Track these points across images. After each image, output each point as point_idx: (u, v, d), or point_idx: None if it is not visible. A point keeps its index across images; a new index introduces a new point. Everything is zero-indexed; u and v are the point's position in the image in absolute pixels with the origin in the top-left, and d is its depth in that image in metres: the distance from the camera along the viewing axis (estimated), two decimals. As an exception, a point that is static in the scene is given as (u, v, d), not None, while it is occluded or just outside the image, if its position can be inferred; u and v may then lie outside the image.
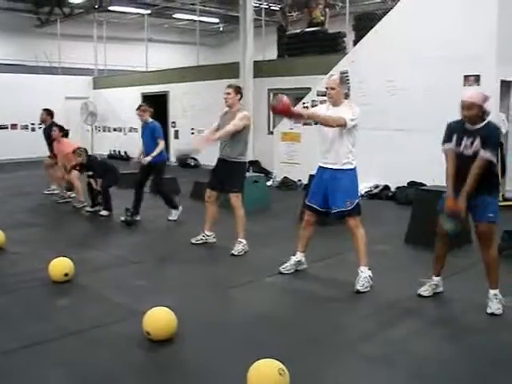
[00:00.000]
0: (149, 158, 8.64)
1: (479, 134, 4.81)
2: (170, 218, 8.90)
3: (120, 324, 4.79)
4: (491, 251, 4.99)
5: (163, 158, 8.95)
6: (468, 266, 6.21)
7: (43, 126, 11.52)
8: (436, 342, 4.49)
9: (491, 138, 4.83)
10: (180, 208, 9.01)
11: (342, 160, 5.63)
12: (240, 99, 7.10)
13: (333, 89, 5.64)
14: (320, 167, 5.84)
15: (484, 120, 4.87)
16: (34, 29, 21.99)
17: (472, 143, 4.84)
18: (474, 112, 4.80)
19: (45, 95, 16.98)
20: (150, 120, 8.95)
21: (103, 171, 9.54)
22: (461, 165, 4.92)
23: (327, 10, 14.93)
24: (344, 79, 5.85)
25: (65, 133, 10.62)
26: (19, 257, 6.96)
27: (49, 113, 11.37)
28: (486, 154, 4.75)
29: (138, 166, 8.96)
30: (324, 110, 5.80)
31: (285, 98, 5.36)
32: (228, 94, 6.99)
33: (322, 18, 14.66)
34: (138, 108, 9.01)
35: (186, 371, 4.04)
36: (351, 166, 5.67)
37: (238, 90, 7.08)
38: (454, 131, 5.00)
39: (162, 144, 8.77)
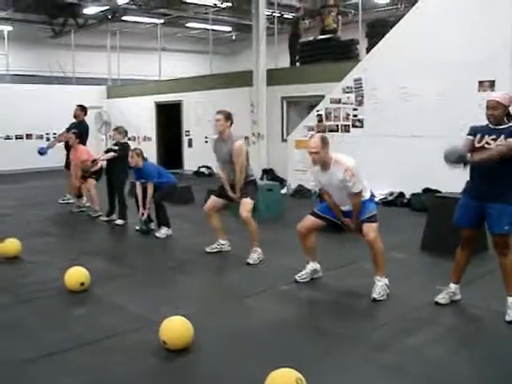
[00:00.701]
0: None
1: (503, 133, 4.79)
2: (157, 235, 8.51)
3: (136, 333, 4.79)
4: (508, 258, 4.94)
5: (173, 182, 8.90)
6: (485, 274, 6.15)
7: (73, 122, 11.40)
8: (453, 350, 4.45)
9: None
10: (171, 230, 8.62)
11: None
12: (230, 125, 7.12)
13: (316, 153, 5.50)
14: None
15: (509, 121, 4.85)
16: (48, 40, 22.20)
17: (495, 140, 4.81)
18: (499, 111, 4.80)
19: (59, 105, 17.09)
20: (141, 163, 8.59)
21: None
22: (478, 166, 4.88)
23: (339, 17, 14.94)
24: (326, 140, 5.58)
25: (80, 141, 10.58)
26: (35, 266, 6.99)
27: (82, 109, 11.43)
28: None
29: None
30: (321, 175, 5.73)
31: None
32: (218, 120, 7.07)
33: (335, 26, 14.66)
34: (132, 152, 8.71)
35: (202, 380, 4.02)
36: (366, 198, 5.66)
37: (229, 117, 7.11)
38: (478, 131, 4.98)
39: (151, 187, 8.48)
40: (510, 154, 4.69)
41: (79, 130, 10.80)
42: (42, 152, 11.33)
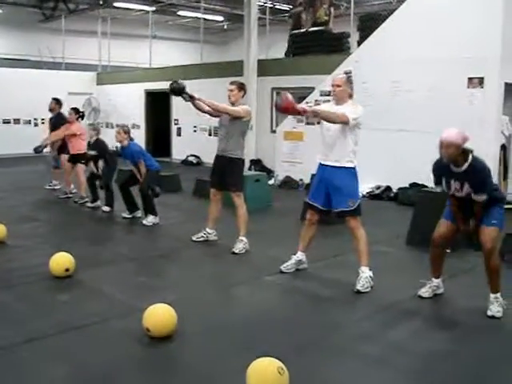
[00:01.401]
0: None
1: (466, 179, 4.82)
2: (143, 222, 8.47)
3: (120, 320, 4.79)
4: (493, 257, 4.96)
5: (156, 167, 8.75)
6: (469, 268, 6.20)
7: (50, 115, 11.54)
8: (435, 343, 4.48)
9: (481, 183, 4.83)
10: (158, 219, 8.57)
11: (344, 158, 5.63)
12: (243, 96, 7.10)
13: (338, 86, 5.66)
14: (321, 165, 5.82)
15: (467, 159, 4.80)
16: (38, 24, 21.92)
17: (461, 187, 4.88)
18: (452, 151, 4.73)
19: (48, 90, 16.91)
20: (125, 143, 8.58)
21: (106, 154, 9.53)
22: (461, 205, 5.00)
23: (332, 9, 14.89)
24: (350, 79, 5.79)
25: (80, 115, 10.61)
26: (20, 251, 6.96)
27: (57, 102, 11.49)
28: (481, 197, 4.83)
29: None
30: (327, 108, 5.80)
31: (289, 96, 5.34)
32: (231, 90, 7.00)
33: (326, 18, 14.62)
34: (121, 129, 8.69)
35: (185, 368, 4.04)
36: (352, 165, 5.67)
37: (242, 87, 7.08)
38: (442, 174, 5.01)
39: (142, 165, 8.49)
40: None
41: (55, 122, 10.85)
42: (38, 151, 11.28)
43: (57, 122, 11.07)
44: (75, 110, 10.51)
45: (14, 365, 3.98)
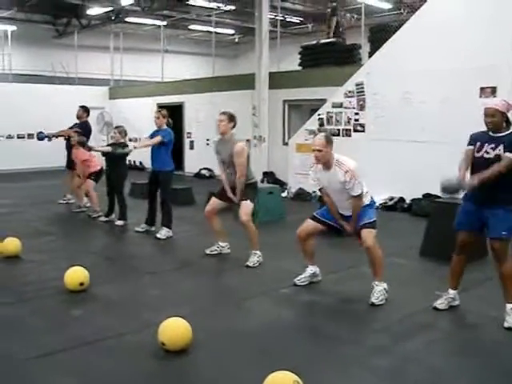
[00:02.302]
0: (131, 147, 8.97)
1: (503, 141, 4.82)
2: (158, 236, 8.49)
3: (135, 334, 4.79)
4: (506, 265, 4.95)
5: (169, 168, 8.62)
6: (484, 279, 6.16)
7: (76, 122, 11.50)
8: (451, 355, 4.45)
9: None
10: (171, 232, 8.60)
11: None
12: (233, 127, 7.11)
13: (319, 151, 5.57)
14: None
15: (508, 128, 4.87)
16: (51, 40, 22.24)
17: (494, 149, 4.84)
18: (497, 119, 4.83)
19: (61, 105, 17.14)
20: (165, 127, 8.61)
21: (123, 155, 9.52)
22: (480, 168, 4.89)
23: (334, 19, 14.83)
24: (330, 138, 5.68)
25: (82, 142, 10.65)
26: (35, 265, 7.00)
27: (85, 110, 11.53)
28: (510, 154, 4.73)
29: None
30: (322, 174, 5.77)
31: None
32: (221, 121, 7.04)
33: (330, 30, 14.62)
34: (158, 112, 8.71)
35: (200, 382, 4.03)
36: (366, 203, 5.69)
37: (232, 118, 7.09)
38: (477, 139, 5.01)
39: (155, 140, 8.42)
40: (508, 170, 4.72)
41: (83, 130, 10.88)
42: (40, 137, 11.40)
43: (85, 131, 11.05)
44: (77, 134, 10.50)
45: (27, 379, 3.99)
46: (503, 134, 4.86)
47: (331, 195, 5.77)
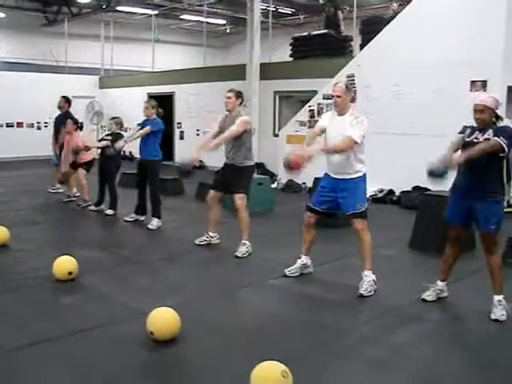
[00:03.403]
0: (121, 143, 8.81)
1: (491, 129, 4.82)
2: (149, 227, 8.46)
3: (123, 323, 4.79)
4: (495, 256, 5.00)
5: (157, 157, 8.58)
6: (472, 272, 6.19)
7: (57, 114, 11.48)
8: (439, 346, 4.47)
9: (505, 131, 4.79)
10: (161, 222, 8.59)
11: (353, 169, 5.64)
12: (240, 104, 7.10)
13: (339, 97, 5.63)
14: (328, 175, 5.83)
15: (498, 124, 4.88)
16: (41, 28, 22.07)
17: (483, 135, 4.85)
18: (486, 115, 4.83)
19: (51, 94, 16.95)
20: (154, 117, 8.59)
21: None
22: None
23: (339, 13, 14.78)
24: (350, 86, 5.80)
25: (78, 126, 10.65)
26: (23, 254, 6.97)
27: (67, 100, 11.45)
28: (498, 138, 4.72)
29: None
30: (328, 120, 5.81)
31: (293, 157, 5.41)
32: (228, 98, 7.01)
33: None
34: (147, 102, 8.75)
35: (188, 371, 4.04)
36: (361, 174, 5.68)
37: (239, 95, 7.08)
38: (469, 128, 5.01)
39: (145, 130, 8.40)
40: (491, 151, 4.73)
41: (60, 121, 10.88)
42: (57, 164, 11.36)
43: (61, 120, 11.01)
44: (73, 120, 10.52)
45: (17, 368, 3.98)
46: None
47: (327, 139, 5.74)
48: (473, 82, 9.82)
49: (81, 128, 10.79)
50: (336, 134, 5.61)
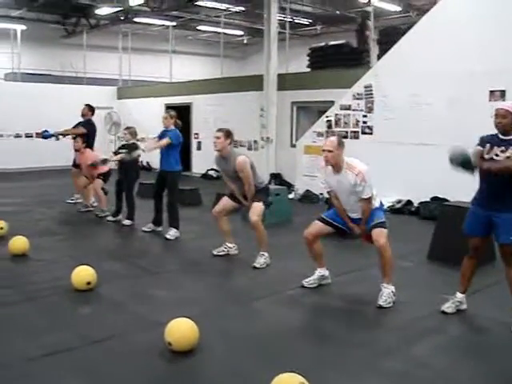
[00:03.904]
0: (139, 152, 9.05)
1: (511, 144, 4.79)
2: (167, 237, 8.50)
3: (141, 334, 4.79)
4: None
5: (177, 169, 8.62)
6: (492, 284, 6.13)
7: (80, 121, 11.47)
8: (458, 359, 4.43)
9: None
10: (179, 232, 8.61)
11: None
12: (230, 143, 7.08)
13: (330, 151, 5.54)
14: None
15: None
16: (60, 39, 22.32)
17: (504, 151, 4.81)
18: (508, 120, 4.80)
19: (69, 105, 17.11)
20: (172, 127, 8.60)
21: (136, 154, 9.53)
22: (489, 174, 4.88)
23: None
24: (342, 141, 5.66)
25: (87, 144, 10.68)
26: (42, 264, 7.01)
27: (90, 108, 11.51)
28: None
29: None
30: (331, 177, 5.76)
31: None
32: (218, 138, 7.00)
33: None
34: (167, 112, 8.79)
35: (206, 383, 4.02)
36: (376, 206, 5.70)
37: (228, 135, 7.05)
38: (487, 141, 4.97)
39: (164, 142, 8.38)
40: None
41: (87, 128, 10.92)
42: (45, 136, 11.49)
43: (90, 130, 11.10)
44: (82, 138, 10.59)
45: (33, 378, 4.00)
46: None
47: (340, 198, 5.76)
48: (491, 92, 9.75)
49: (91, 146, 10.77)
50: (347, 196, 5.68)
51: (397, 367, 4.23)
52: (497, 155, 4.85)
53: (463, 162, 4.85)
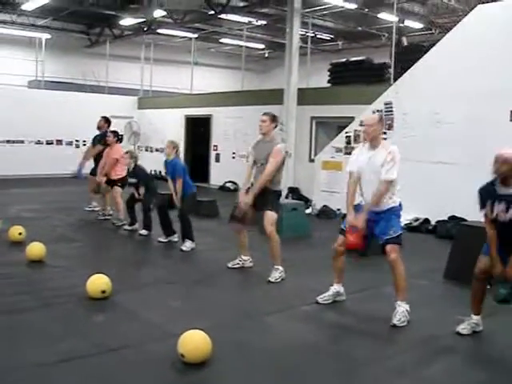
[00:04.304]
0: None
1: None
2: (183, 249, 8.47)
3: (154, 344, 4.80)
4: None
5: (190, 191, 8.66)
6: (509, 307, 6.06)
7: (97, 133, 11.55)
8: (472, 382, 4.38)
9: None
10: (194, 243, 8.62)
11: (386, 202, 5.61)
12: (275, 127, 7.08)
13: (370, 126, 5.61)
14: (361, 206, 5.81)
15: None
16: (83, 49, 22.60)
17: (507, 209, 4.75)
18: (506, 168, 4.70)
19: (90, 113, 17.28)
20: (173, 157, 8.69)
21: (147, 180, 9.68)
22: (499, 229, 4.87)
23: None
24: (382, 118, 5.79)
25: (119, 139, 10.83)
26: (58, 271, 7.06)
27: (106, 120, 11.61)
28: None
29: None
30: (360, 158, 5.78)
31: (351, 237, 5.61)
32: (263, 121, 6.99)
33: None
34: (170, 142, 8.88)
35: (218, 396, 4.02)
36: (395, 204, 5.65)
37: (274, 119, 7.05)
38: (487, 197, 4.91)
39: (179, 185, 8.47)
40: None
41: (98, 140, 11.08)
42: (79, 177, 11.62)
43: (98, 140, 11.23)
44: (114, 133, 10.74)
45: (48, 383, 4.01)
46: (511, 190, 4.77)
47: (363, 181, 5.71)
48: (513, 112, 9.69)
49: (121, 140, 10.93)
50: (370, 174, 5.63)
51: (409, 387, 4.19)
52: (499, 214, 4.81)
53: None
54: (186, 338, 4.39)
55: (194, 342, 4.39)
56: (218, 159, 18.11)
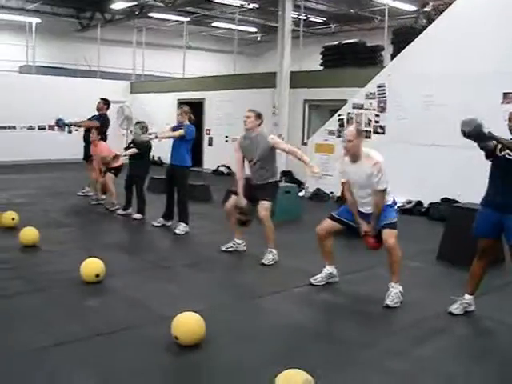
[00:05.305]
0: (151, 136, 9.04)
1: None
2: (176, 232, 8.49)
3: (148, 327, 4.82)
4: None
5: (187, 164, 8.62)
6: (501, 286, 6.12)
7: (94, 114, 11.56)
8: (465, 360, 4.42)
9: None
10: (188, 227, 8.62)
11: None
12: (259, 125, 7.09)
13: (350, 141, 5.58)
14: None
15: None
16: (74, 33, 22.41)
17: None
18: None
19: (83, 98, 17.21)
20: (187, 123, 8.57)
21: (147, 150, 9.64)
22: (500, 167, 4.88)
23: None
24: (360, 131, 5.78)
25: (102, 137, 10.73)
26: (52, 255, 7.06)
27: (105, 102, 11.59)
28: None
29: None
30: (347, 171, 5.81)
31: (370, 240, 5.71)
32: (248, 117, 7.03)
33: None
34: (180, 108, 8.72)
35: (212, 377, 4.04)
36: (389, 203, 5.68)
37: (259, 116, 7.08)
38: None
39: (177, 132, 8.40)
40: None
41: (100, 122, 10.97)
42: (59, 124, 11.61)
43: (103, 123, 11.20)
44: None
45: (41, 368, 4.02)
46: None
47: (355, 189, 5.75)
48: (505, 94, 9.69)
49: (104, 139, 10.79)
50: (361, 187, 5.67)
51: (404, 368, 4.21)
52: (509, 154, 4.82)
53: (476, 129, 4.81)
54: (180, 321, 4.41)
55: (188, 324, 4.41)
56: (210, 143, 18.07)
